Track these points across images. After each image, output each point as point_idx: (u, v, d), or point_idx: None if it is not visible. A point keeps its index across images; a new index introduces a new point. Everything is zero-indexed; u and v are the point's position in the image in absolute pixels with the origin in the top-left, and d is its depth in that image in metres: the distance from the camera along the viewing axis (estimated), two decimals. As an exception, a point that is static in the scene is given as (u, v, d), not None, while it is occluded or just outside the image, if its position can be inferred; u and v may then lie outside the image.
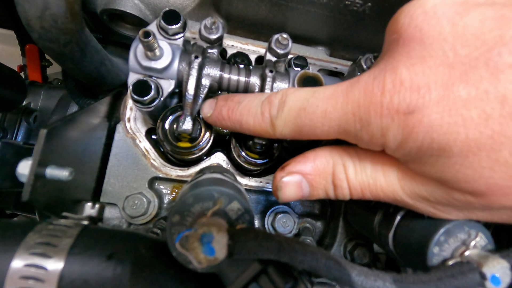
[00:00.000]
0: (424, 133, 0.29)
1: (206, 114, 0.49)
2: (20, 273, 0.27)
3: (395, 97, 0.29)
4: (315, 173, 0.40)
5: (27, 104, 1.01)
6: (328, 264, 0.30)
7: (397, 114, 0.30)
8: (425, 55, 0.30)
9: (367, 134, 0.33)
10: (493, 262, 0.33)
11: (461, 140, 0.28)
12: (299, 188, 0.41)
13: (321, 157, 0.41)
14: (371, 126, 0.32)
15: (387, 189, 0.37)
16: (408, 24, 0.32)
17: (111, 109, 0.64)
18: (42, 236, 0.30)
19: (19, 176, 0.38)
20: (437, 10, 0.30)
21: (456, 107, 0.27)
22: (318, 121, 0.36)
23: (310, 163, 0.40)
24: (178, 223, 0.32)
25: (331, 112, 0.34)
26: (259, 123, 0.41)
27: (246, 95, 0.46)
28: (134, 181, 0.59)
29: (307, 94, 0.38)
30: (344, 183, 0.39)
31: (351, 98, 0.33)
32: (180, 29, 0.52)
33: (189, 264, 0.31)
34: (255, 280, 0.30)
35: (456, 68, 0.28)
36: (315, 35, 0.71)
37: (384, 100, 0.30)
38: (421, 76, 0.29)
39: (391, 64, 0.31)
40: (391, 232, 0.44)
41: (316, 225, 0.69)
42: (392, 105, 0.30)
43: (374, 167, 0.38)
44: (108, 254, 0.30)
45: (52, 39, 0.56)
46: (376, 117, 0.31)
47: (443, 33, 0.29)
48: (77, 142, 0.50)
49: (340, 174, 0.39)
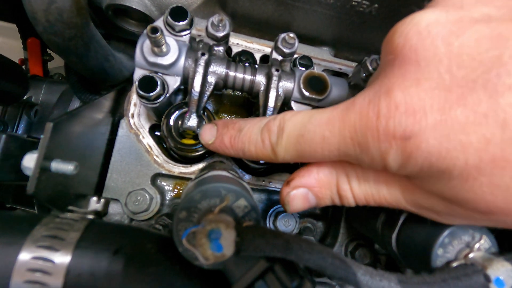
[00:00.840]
0: (423, 158, 0.28)
1: (207, 142, 0.49)
2: (28, 265, 0.27)
3: (391, 122, 0.29)
4: (320, 185, 0.41)
5: (28, 98, 1.01)
6: (334, 263, 0.30)
7: (394, 139, 0.29)
8: (420, 77, 0.29)
9: (368, 158, 0.33)
10: (497, 264, 0.33)
11: (461, 165, 0.27)
12: (306, 200, 0.41)
13: (324, 169, 0.41)
14: (370, 150, 0.32)
15: (391, 199, 0.37)
16: (403, 45, 0.31)
17: (115, 104, 0.64)
18: (49, 229, 0.29)
19: (24, 169, 0.38)
20: (431, 30, 0.29)
21: (454, 132, 0.27)
22: (317, 146, 0.36)
23: (314, 176, 0.41)
24: (185, 219, 0.32)
25: (329, 138, 0.34)
26: (261, 151, 0.42)
27: (245, 121, 0.46)
28: (137, 177, 0.59)
29: (304, 119, 0.38)
30: (348, 193, 0.39)
31: (347, 122, 0.33)
32: (187, 26, 0.52)
33: (195, 260, 0.31)
34: (262, 277, 0.30)
35: (453, 91, 0.27)
36: (320, 35, 0.71)
37: (379, 125, 0.30)
38: (417, 100, 0.28)
39: (386, 86, 0.31)
40: (395, 233, 0.44)
41: (317, 225, 0.69)
42: (388, 130, 0.29)
43: (377, 177, 0.38)
44: (115, 248, 0.30)
45: (57, 32, 0.56)
46: (373, 141, 0.31)
47: (438, 54, 0.28)
48: (81, 137, 0.50)
49: (344, 185, 0.40)
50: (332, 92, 0.55)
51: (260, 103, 0.55)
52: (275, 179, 0.63)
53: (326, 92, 0.53)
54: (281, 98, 0.54)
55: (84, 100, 0.86)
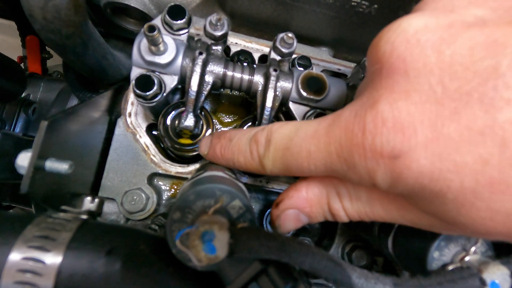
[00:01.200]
0: (414, 179, 0.26)
1: (203, 152, 0.48)
2: (18, 266, 0.27)
3: (377, 139, 0.27)
4: (310, 206, 0.39)
5: (26, 95, 1.00)
6: (329, 265, 0.30)
7: (382, 158, 0.27)
8: (409, 89, 0.26)
9: (355, 176, 0.31)
10: (493, 268, 0.33)
11: (456, 188, 0.25)
12: (297, 221, 0.40)
13: (313, 187, 0.39)
14: (357, 168, 0.29)
15: (386, 216, 0.35)
16: (390, 53, 0.28)
17: (112, 103, 0.63)
18: (41, 229, 0.29)
19: (18, 168, 0.37)
20: (421, 37, 0.27)
21: (447, 152, 0.24)
22: (303, 161, 0.34)
23: (303, 195, 0.39)
24: (179, 220, 0.32)
25: (315, 152, 0.33)
26: (249, 162, 0.41)
27: (236, 131, 0.45)
28: (133, 176, 0.59)
29: (290, 132, 0.36)
30: (341, 212, 0.38)
31: (332, 137, 0.31)
32: (184, 25, 0.52)
33: (188, 262, 0.31)
34: (255, 279, 0.30)
35: (445, 105, 0.25)
36: (319, 36, 0.71)
37: (366, 142, 0.27)
38: (405, 115, 0.26)
39: (373, 99, 0.28)
40: (391, 235, 0.44)
41: (314, 226, 0.69)
42: (375, 148, 0.27)
43: (369, 195, 0.36)
44: (107, 249, 0.30)
45: (55, 30, 0.56)
46: (360, 160, 0.28)
47: (429, 64, 0.26)
48: (77, 135, 0.50)
49: (335, 204, 0.38)
50: (330, 93, 0.54)
51: (258, 103, 0.54)
52: (272, 179, 0.62)
53: (324, 92, 0.53)
54: (279, 98, 0.54)
55: (82, 99, 0.85)
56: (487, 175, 0.24)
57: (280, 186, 0.64)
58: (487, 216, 0.25)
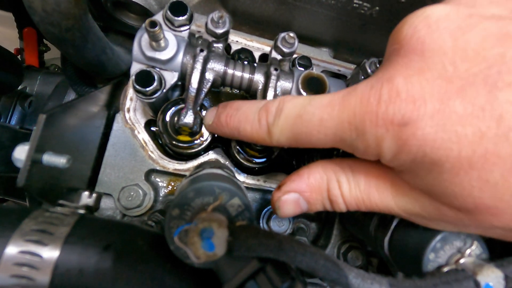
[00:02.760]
0: (418, 147, 0.29)
1: (208, 123, 0.49)
2: (15, 259, 0.27)
3: (391, 108, 0.29)
4: (310, 191, 0.41)
5: (22, 88, 0.99)
6: (327, 265, 0.30)
7: (392, 125, 0.29)
8: (423, 67, 0.29)
9: (362, 144, 0.33)
10: (487, 271, 0.33)
11: (453, 157, 0.27)
12: (297, 205, 0.42)
13: (315, 173, 0.41)
14: (366, 136, 0.31)
15: (381, 204, 0.37)
16: (411, 35, 0.31)
17: (111, 98, 0.63)
18: (38, 223, 0.29)
19: (15, 161, 0.37)
20: (441, 24, 0.30)
21: (450, 123, 0.27)
22: (314, 129, 0.35)
23: (304, 181, 0.41)
24: (178, 217, 0.31)
25: (327, 120, 0.34)
26: (256, 130, 0.41)
27: (244, 102, 0.45)
28: (131, 172, 0.59)
29: (304, 101, 0.37)
30: (339, 198, 0.39)
31: (347, 106, 0.33)
32: (186, 21, 0.52)
33: (186, 259, 0.31)
34: (253, 278, 0.30)
35: (454, 82, 0.27)
36: (320, 36, 0.71)
37: (379, 110, 0.30)
38: (418, 88, 0.28)
39: (389, 74, 0.31)
40: (387, 236, 0.44)
41: (311, 226, 0.69)
42: (387, 116, 0.29)
43: (367, 182, 0.38)
44: (105, 245, 0.30)
45: (54, 23, 0.55)
46: (371, 126, 0.30)
47: (444, 47, 0.29)
48: (75, 130, 0.49)
49: (334, 190, 0.40)
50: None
51: (258, 102, 0.54)
52: (270, 179, 0.63)
53: (324, 93, 0.53)
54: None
55: (80, 93, 0.84)
56: (483, 146, 0.26)
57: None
58: (477, 185, 0.28)
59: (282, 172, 0.64)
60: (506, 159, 0.26)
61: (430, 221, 0.35)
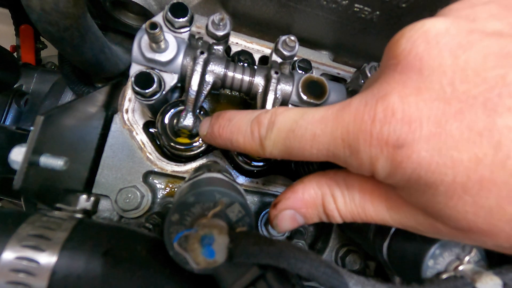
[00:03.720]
0: (412, 169, 0.28)
1: (202, 133, 0.49)
2: (11, 265, 0.26)
3: (385, 128, 0.28)
4: (306, 206, 0.41)
5: (18, 86, 0.98)
6: (327, 272, 0.30)
7: (386, 146, 0.28)
8: (421, 86, 0.28)
9: (356, 161, 0.32)
10: (486, 278, 0.33)
11: (448, 181, 0.27)
12: (293, 221, 0.42)
13: (309, 189, 0.41)
14: (360, 154, 0.31)
15: (377, 217, 0.37)
16: (409, 51, 0.30)
17: (109, 99, 0.62)
18: (36, 228, 0.28)
19: (11, 163, 0.36)
20: (440, 40, 0.29)
21: (446, 147, 0.26)
22: (307, 144, 0.35)
23: (299, 197, 0.41)
24: (177, 222, 0.31)
25: (320, 136, 0.34)
26: (249, 142, 0.41)
27: (237, 112, 0.45)
28: (129, 174, 0.58)
29: (296, 115, 0.37)
30: (335, 212, 0.39)
31: (340, 123, 0.32)
32: (186, 23, 0.51)
33: (186, 265, 0.30)
34: (253, 285, 0.30)
35: (452, 104, 0.26)
36: (320, 39, 0.71)
37: (374, 129, 0.29)
38: (414, 109, 0.27)
39: (384, 91, 0.30)
40: (386, 241, 0.44)
41: (309, 229, 0.69)
42: (381, 136, 0.29)
43: (362, 196, 0.37)
44: (104, 250, 0.29)
45: (52, 22, 0.54)
46: (365, 145, 0.30)
47: (443, 66, 0.28)
48: (73, 131, 0.49)
49: (329, 205, 0.39)
50: (330, 97, 0.54)
51: (258, 105, 0.54)
52: (268, 181, 0.62)
53: (324, 97, 0.53)
54: (279, 100, 0.54)
55: (77, 92, 0.84)
56: (479, 173, 0.26)
57: (276, 188, 0.64)
58: (471, 210, 0.27)
59: (281, 175, 0.64)
60: (501, 187, 0.25)
61: (426, 233, 0.35)
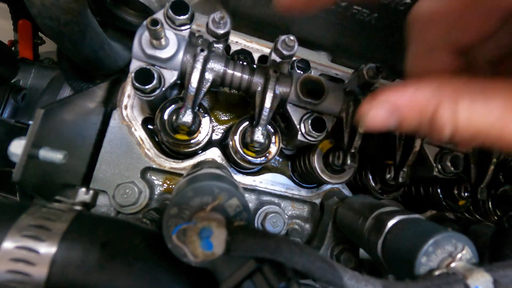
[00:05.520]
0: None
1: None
2: (11, 255, 0.26)
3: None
4: (412, 107, 0.32)
5: (16, 81, 0.97)
6: (323, 266, 0.31)
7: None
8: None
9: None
10: (477, 275, 0.34)
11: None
12: (387, 118, 0.34)
13: (425, 90, 0.32)
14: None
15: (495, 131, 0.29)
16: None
17: (108, 94, 0.63)
18: (36, 218, 0.29)
19: (11, 155, 0.37)
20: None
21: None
22: None
23: (408, 94, 0.33)
24: (176, 216, 0.32)
25: None
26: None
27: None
28: (127, 169, 0.58)
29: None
30: (448, 126, 0.31)
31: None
32: (187, 21, 0.52)
33: (184, 257, 0.31)
34: (250, 277, 0.30)
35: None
36: (319, 40, 0.72)
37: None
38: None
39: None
40: (381, 239, 0.45)
41: (305, 228, 0.70)
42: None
43: (506, 111, 0.28)
44: (102, 242, 0.30)
45: (52, 17, 0.55)
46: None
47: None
48: (72, 126, 0.49)
49: (446, 112, 0.31)
50: (328, 97, 0.55)
51: (257, 103, 0.55)
52: (266, 180, 0.63)
53: (323, 96, 0.54)
54: (277, 99, 0.54)
55: (75, 88, 0.83)
56: None
57: (273, 187, 0.64)
58: None
59: (278, 173, 0.65)
60: None
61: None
